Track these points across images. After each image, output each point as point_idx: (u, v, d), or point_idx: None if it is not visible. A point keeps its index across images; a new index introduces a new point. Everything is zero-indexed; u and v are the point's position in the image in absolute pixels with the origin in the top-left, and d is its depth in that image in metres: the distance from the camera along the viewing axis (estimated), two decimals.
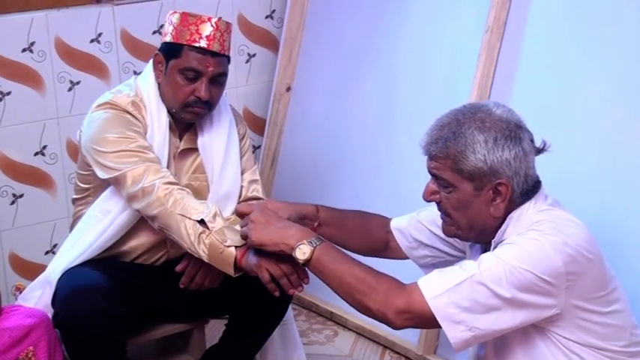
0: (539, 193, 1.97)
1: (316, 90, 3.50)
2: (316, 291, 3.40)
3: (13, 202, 3.15)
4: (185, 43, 2.43)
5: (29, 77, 3.10)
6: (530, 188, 1.95)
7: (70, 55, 3.17)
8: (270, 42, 3.64)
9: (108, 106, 2.47)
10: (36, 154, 3.17)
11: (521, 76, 2.80)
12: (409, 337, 3.04)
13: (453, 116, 1.96)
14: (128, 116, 2.46)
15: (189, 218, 2.32)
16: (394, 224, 2.31)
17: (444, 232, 2.06)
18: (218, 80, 2.48)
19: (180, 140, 2.56)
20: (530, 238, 1.86)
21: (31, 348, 2.35)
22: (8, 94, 3.07)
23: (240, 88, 3.60)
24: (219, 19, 2.47)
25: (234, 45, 3.49)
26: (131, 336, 2.51)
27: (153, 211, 2.36)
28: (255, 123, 3.66)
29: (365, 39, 3.32)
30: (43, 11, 3.11)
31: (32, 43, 3.08)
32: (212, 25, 2.44)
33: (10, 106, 3.08)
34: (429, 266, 2.23)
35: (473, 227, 1.97)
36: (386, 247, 2.32)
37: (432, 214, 2.19)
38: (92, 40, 3.20)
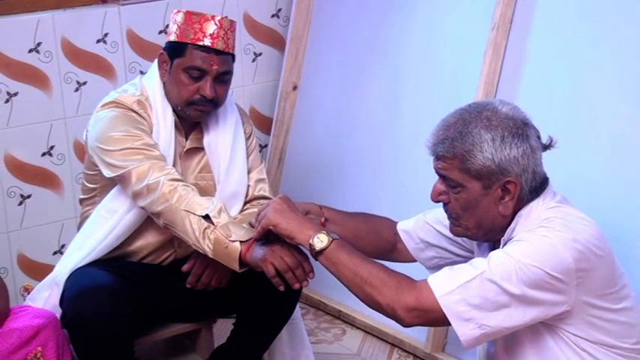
0: (548, 190, 1.96)
1: (323, 88, 3.49)
2: (324, 289, 3.39)
3: (20, 203, 3.15)
4: (189, 41, 2.44)
5: (36, 78, 3.10)
6: (539, 185, 1.95)
7: (76, 55, 3.17)
8: (277, 41, 3.63)
9: (113, 105, 2.47)
10: (43, 154, 3.17)
11: (528, 73, 2.79)
12: (417, 335, 3.04)
13: (458, 115, 1.95)
14: (134, 114, 2.46)
15: (194, 214, 2.32)
16: (401, 226, 2.31)
17: (452, 233, 2.05)
18: (223, 78, 2.48)
19: (187, 140, 2.57)
20: (540, 235, 1.85)
21: (39, 348, 2.36)
22: (15, 94, 3.08)
23: (246, 87, 3.60)
24: (223, 17, 2.47)
25: (240, 44, 3.49)
26: (139, 336, 2.52)
27: (157, 208, 2.36)
28: (261, 122, 3.66)
29: (371, 37, 3.32)
30: (49, 12, 3.11)
31: (39, 44, 3.09)
32: (216, 24, 2.44)
33: (17, 106, 3.08)
34: (436, 268, 2.22)
35: (482, 226, 1.97)
36: (393, 249, 2.31)
37: (438, 215, 2.19)
38: (98, 41, 3.20)
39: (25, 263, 3.20)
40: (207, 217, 2.32)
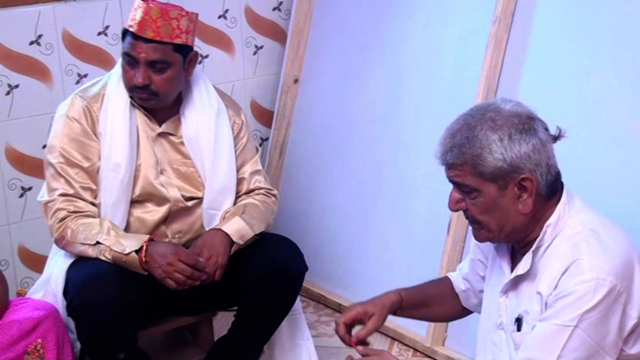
0: (565, 192, 1.94)
1: (323, 82, 3.49)
2: (324, 283, 3.40)
3: (21, 195, 3.15)
4: (127, 27, 2.46)
5: (37, 70, 3.10)
6: (554, 179, 1.92)
7: (77, 47, 3.17)
8: (278, 34, 3.63)
9: (65, 108, 2.55)
10: (44, 146, 3.16)
11: (530, 67, 2.79)
12: (418, 329, 3.04)
13: (463, 121, 1.92)
14: (76, 124, 2.51)
15: (89, 244, 2.41)
16: (456, 289, 2.26)
17: (475, 239, 2.02)
18: (157, 67, 2.44)
19: (161, 125, 2.56)
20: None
21: (39, 340, 2.36)
22: (16, 86, 3.07)
23: (247, 80, 3.59)
24: (154, 4, 2.44)
25: (241, 37, 3.50)
26: (140, 328, 2.52)
27: (60, 246, 2.49)
28: (262, 115, 3.66)
29: (372, 30, 3.31)
30: (50, 4, 3.11)
31: (40, 36, 3.08)
32: (144, 10, 2.42)
33: (18, 98, 3.08)
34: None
35: (503, 228, 1.93)
36: (465, 311, 2.28)
37: (466, 264, 2.22)
38: (99, 33, 3.20)
39: (26, 255, 3.20)
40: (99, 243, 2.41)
